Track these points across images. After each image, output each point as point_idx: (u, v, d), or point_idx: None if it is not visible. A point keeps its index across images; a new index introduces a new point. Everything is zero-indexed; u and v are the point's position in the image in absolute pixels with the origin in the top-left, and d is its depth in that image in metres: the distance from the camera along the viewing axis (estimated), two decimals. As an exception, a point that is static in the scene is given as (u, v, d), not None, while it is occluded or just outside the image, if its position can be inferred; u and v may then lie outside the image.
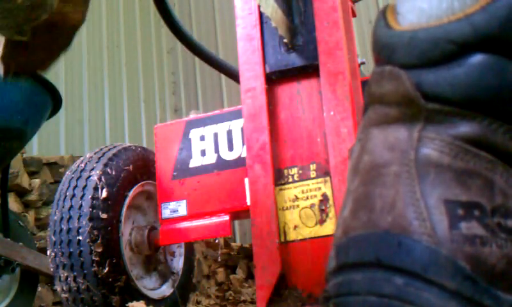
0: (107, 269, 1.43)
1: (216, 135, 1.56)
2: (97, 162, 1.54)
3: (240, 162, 1.50)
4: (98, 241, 1.43)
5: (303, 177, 1.12)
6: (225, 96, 5.28)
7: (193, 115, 1.64)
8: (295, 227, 1.10)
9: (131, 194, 1.60)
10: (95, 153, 1.61)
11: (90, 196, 1.46)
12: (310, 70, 1.16)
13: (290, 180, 1.13)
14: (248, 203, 1.25)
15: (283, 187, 1.13)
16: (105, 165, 1.53)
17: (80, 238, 1.42)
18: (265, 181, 1.10)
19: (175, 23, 1.72)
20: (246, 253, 3.68)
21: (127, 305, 1.40)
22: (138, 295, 1.54)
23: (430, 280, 0.32)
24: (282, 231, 1.10)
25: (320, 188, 1.11)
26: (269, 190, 1.10)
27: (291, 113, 1.16)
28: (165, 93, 5.37)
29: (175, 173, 1.57)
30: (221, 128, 1.56)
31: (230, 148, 1.54)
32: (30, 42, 0.65)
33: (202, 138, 1.57)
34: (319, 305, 0.56)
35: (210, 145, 1.56)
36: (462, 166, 0.35)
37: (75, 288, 1.44)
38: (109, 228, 1.47)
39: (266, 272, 1.06)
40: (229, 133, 1.55)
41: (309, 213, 1.10)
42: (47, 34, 0.64)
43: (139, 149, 1.71)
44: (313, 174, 1.12)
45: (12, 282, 2.04)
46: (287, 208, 1.11)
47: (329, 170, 1.10)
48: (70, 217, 1.46)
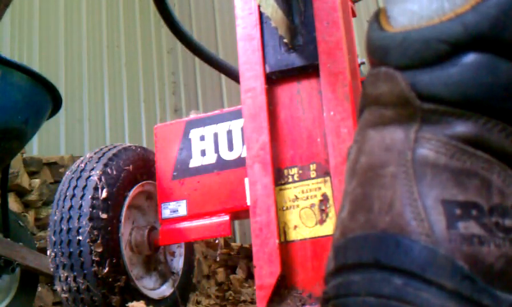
0: (107, 269, 1.43)
1: (216, 135, 1.56)
2: (97, 162, 1.54)
3: (240, 162, 1.50)
4: (98, 241, 1.43)
5: (303, 177, 1.12)
6: (225, 96, 5.28)
7: (193, 115, 1.64)
8: (295, 227, 1.10)
9: (131, 194, 1.60)
10: (95, 153, 1.61)
11: (90, 196, 1.46)
12: (310, 70, 1.17)
13: (290, 180, 1.13)
14: (248, 203, 1.25)
15: (283, 187, 1.13)
16: (105, 165, 1.54)
17: (80, 238, 1.43)
18: (265, 181, 1.10)
19: (175, 23, 1.72)
20: (246, 253, 3.68)
21: (127, 305, 1.40)
22: (138, 295, 1.54)
23: (428, 280, 0.32)
24: (282, 231, 1.10)
25: (320, 188, 1.11)
26: (269, 190, 1.10)
27: (291, 113, 1.16)
28: (165, 93, 5.37)
29: (175, 173, 1.58)
30: (221, 128, 1.56)
31: (230, 148, 1.54)
32: None
33: (202, 138, 1.57)
34: (319, 305, 0.56)
35: (210, 145, 1.56)
36: (459, 166, 0.35)
37: (75, 288, 1.44)
38: (109, 228, 1.47)
39: (266, 272, 1.06)
40: (229, 133, 1.55)
41: (309, 213, 1.10)
42: None
43: (139, 149, 1.71)
44: (313, 174, 1.12)
45: (12, 282, 2.04)
46: (287, 208, 1.11)
47: (329, 170, 1.10)
48: (70, 217, 1.46)
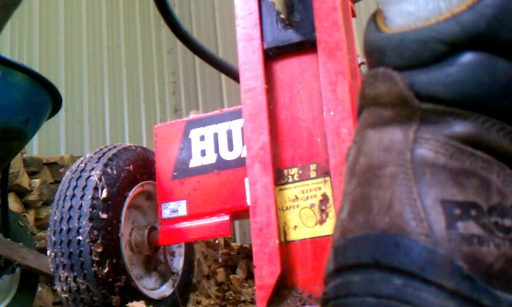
0: (107, 269, 1.43)
1: (216, 135, 1.56)
2: (97, 162, 1.54)
3: (240, 162, 1.50)
4: (98, 241, 1.43)
5: (303, 177, 1.12)
6: (225, 96, 5.28)
7: (193, 115, 1.64)
8: (295, 227, 1.10)
9: (131, 194, 1.60)
10: (95, 153, 1.61)
11: (90, 196, 1.46)
12: (307, 46, 1.17)
13: (290, 180, 1.13)
14: (248, 203, 1.25)
15: (283, 187, 1.13)
16: (105, 165, 1.54)
17: (80, 238, 1.43)
18: (265, 181, 1.10)
19: (175, 23, 1.72)
20: (246, 253, 3.68)
21: (127, 305, 1.40)
22: (138, 295, 1.54)
23: (428, 280, 0.32)
24: (282, 231, 1.10)
25: (320, 188, 1.11)
26: (269, 190, 1.10)
27: (291, 113, 1.16)
28: (165, 93, 5.37)
29: (175, 173, 1.58)
30: (221, 128, 1.56)
31: (230, 148, 1.54)
32: None
33: (202, 138, 1.57)
34: (319, 305, 0.56)
35: (210, 145, 1.56)
36: (458, 166, 0.35)
37: (75, 288, 1.44)
38: (109, 228, 1.47)
39: (266, 272, 1.06)
40: (229, 133, 1.55)
41: (309, 213, 1.10)
42: None
43: (139, 149, 1.71)
44: (313, 174, 1.12)
45: (12, 282, 2.04)
46: (287, 208, 1.11)
47: (329, 170, 1.10)
48: (70, 217, 1.46)
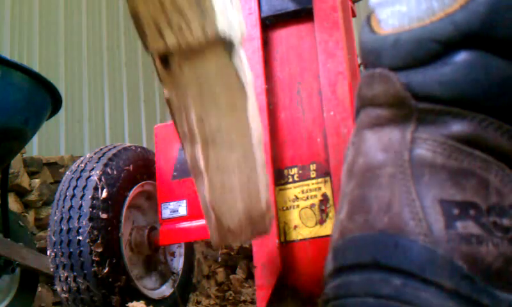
0: (107, 269, 1.43)
1: (216, 135, 1.56)
2: (97, 162, 1.54)
3: (240, 162, 1.50)
4: (98, 241, 1.43)
5: (303, 177, 1.12)
6: (225, 96, 5.28)
7: (193, 115, 1.64)
8: (295, 227, 1.10)
9: (131, 194, 1.60)
10: (95, 153, 1.61)
11: (90, 196, 1.46)
12: (303, 14, 1.18)
13: (290, 180, 1.13)
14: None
15: (283, 187, 1.13)
16: (105, 165, 1.54)
17: (80, 238, 1.43)
18: (264, 181, 1.10)
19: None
20: (246, 253, 3.67)
21: (127, 305, 1.40)
22: (138, 295, 1.54)
23: (427, 280, 0.33)
24: (282, 231, 1.10)
25: (320, 188, 1.11)
26: (270, 190, 1.10)
27: (291, 113, 1.16)
28: (165, 93, 5.37)
29: (175, 173, 1.57)
30: (221, 128, 1.56)
31: (230, 148, 1.54)
32: None
33: (202, 138, 1.57)
34: (319, 306, 0.56)
35: (210, 145, 1.56)
36: (456, 166, 0.35)
37: (75, 288, 1.44)
38: (109, 228, 1.47)
39: (266, 272, 1.06)
40: (229, 133, 1.55)
41: (309, 213, 1.10)
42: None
43: (139, 149, 1.71)
44: (313, 174, 1.12)
45: (12, 282, 2.04)
46: (287, 208, 1.12)
47: (329, 170, 1.10)
48: (70, 217, 1.46)
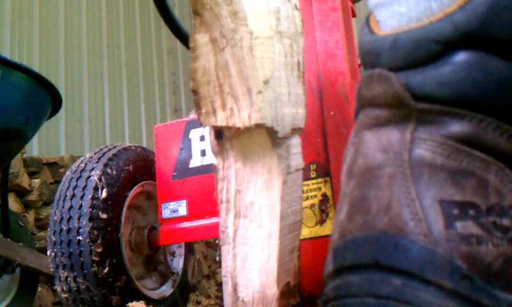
0: (107, 269, 1.43)
1: (216, 135, 1.56)
2: (97, 162, 1.54)
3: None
4: (98, 241, 1.43)
5: (303, 177, 1.12)
6: (225, 96, 5.27)
7: (193, 115, 1.64)
8: (294, 227, 1.10)
9: (131, 194, 1.60)
10: (95, 153, 1.61)
11: (90, 196, 1.46)
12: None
13: (289, 180, 1.13)
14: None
15: (282, 187, 1.13)
16: (105, 165, 1.54)
17: (80, 238, 1.43)
18: (264, 181, 1.10)
19: (175, 23, 1.72)
20: (246, 253, 3.67)
21: (127, 305, 1.40)
22: (138, 295, 1.54)
23: (427, 280, 0.33)
24: (282, 231, 1.10)
25: (320, 188, 1.11)
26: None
27: (291, 113, 1.16)
28: (165, 93, 5.37)
29: (175, 173, 1.58)
30: (221, 128, 1.56)
31: (230, 148, 1.54)
32: None
33: (202, 138, 1.57)
34: (319, 306, 0.56)
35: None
36: (455, 166, 0.35)
37: (75, 288, 1.44)
38: (109, 228, 1.47)
39: (266, 272, 1.06)
40: (229, 133, 1.55)
41: (309, 213, 1.10)
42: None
43: (139, 149, 1.71)
44: (313, 174, 1.12)
45: (12, 282, 2.04)
46: (287, 208, 1.11)
47: (329, 170, 1.10)
48: (70, 217, 1.46)
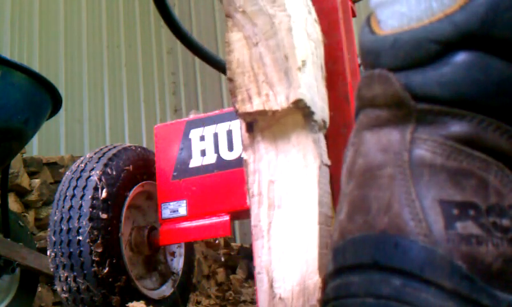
0: (107, 269, 1.43)
1: (216, 135, 1.56)
2: (97, 162, 1.54)
3: (240, 162, 1.50)
4: (98, 241, 1.43)
5: (303, 177, 1.12)
6: (225, 96, 5.28)
7: (193, 115, 1.64)
8: (294, 227, 1.10)
9: (131, 194, 1.60)
10: (95, 153, 1.61)
11: (90, 196, 1.46)
12: None
13: (289, 180, 1.13)
14: (248, 203, 1.25)
15: (282, 187, 1.13)
16: (105, 165, 1.54)
17: (80, 238, 1.43)
18: (264, 181, 1.10)
19: (175, 23, 1.72)
20: (246, 253, 3.68)
21: (127, 305, 1.40)
22: (138, 295, 1.54)
23: (427, 280, 0.33)
24: (282, 231, 1.10)
25: (319, 188, 1.11)
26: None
27: (291, 113, 1.16)
28: (165, 93, 5.37)
29: (175, 173, 1.58)
30: (221, 128, 1.56)
31: (230, 148, 1.54)
32: None
33: (202, 138, 1.57)
34: (319, 306, 0.56)
35: (210, 145, 1.56)
36: (455, 166, 0.35)
37: (75, 288, 1.44)
38: (109, 228, 1.47)
39: (266, 272, 1.06)
40: (229, 133, 1.55)
41: (309, 213, 1.10)
42: None
43: (139, 149, 1.71)
44: (312, 174, 1.12)
45: (12, 282, 2.04)
46: (287, 208, 1.11)
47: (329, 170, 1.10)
48: (70, 217, 1.46)
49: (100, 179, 1.50)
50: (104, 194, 1.48)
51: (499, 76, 0.35)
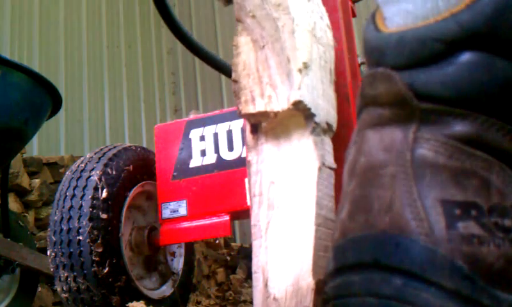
0: (107, 269, 1.43)
1: (216, 135, 1.56)
2: (97, 162, 1.54)
3: (240, 162, 1.50)
4: (98, 241, 1.43)
5: (303, 177, 1.12)
6: (225, 96, 5.28)
7: (193, 115, 1.64)
8: (295, 227, 1.10)
9: (131, 194, 1.60)
10: (95, 153, 1.61)
11: (90, 196, 1.46)
12: None
13: (290, 180, 1.13)
14: (248, 203, 1.25)
15: (282, 187, 1.13)
16: (105, 165, 1.54)
17: (80, 238, 1.43)
18: (265, 181, 1.10)
19: (175, 23, 1.72)
20: (246, 253, 3.67)
21: (127, 305, 1.40)
22: (138, 295, 1.54)
23: (428, 280, 0.32)
24: (282, 231, 1.10)
25: (320, 188, 1.11)
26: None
27: (291, 113, 1.16)
28: (165, 93, 5.37)
29: (175, 173, 1.58)
30: (221, 128, 1.56)
31: (230, 148, 1.54)
32: None
33: (202, 138, 1.57)
34: (319, 305, 0.56)
35: (210, 145, 1.56)
36: (458, 166, 0.35)
37: (75, 288, 1.44)
38: (109, 228, 1.47)
39: (266, 272, 1.06)
40: (229, 133, 1.55)
41: (309, 213, 1.10)
42: None
43: (139, 149, 1.71)
44: (313, 174, 1.12)
45: (12, 282, 2.04)
46: (287, 208, 1.11)
47: (329, 170, 1.10)
48: (70, 217, 1.46)
49: (100, 179, 1.50)
50: (104, 194, 1.48)
51: (503, 76, 0.35)
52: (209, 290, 3.21)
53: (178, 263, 1.88)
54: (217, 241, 3.56)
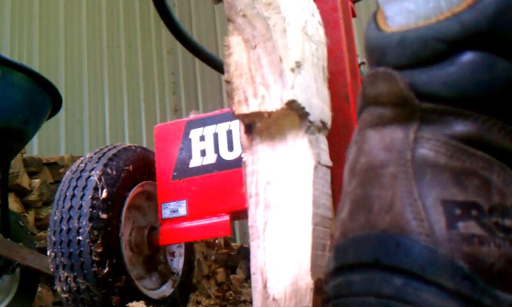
0: (107, 269, 1.43)
1: (216, 135, 1.56)
2: (97, 162, 1.54)
3: (240, 162, 1.50)
4: (98, 241, 1.43)
5: (303, 177, 1.12)
6: (225, 96, 5.27)
7: (193, 115, 1.64)
8: (295, 227, 1.10)
9: (131, 194, 1.60)
10: (95, 153, 1.61)
11: (90, 196, 1.46)
12: None
13: (290, 180, 1.13)
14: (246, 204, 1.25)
15: (283, 187, 1.13)
16: (105, 165, 1.53)
17: (80, 238, 1.42)
18: (265, 181, 1.10)
19: (175, 23, 1.72)
20: (246, 253, 3.67)
21: (127, 305, 1.40)
22: (138, 295, 1.54)
23: (429, 280, 0.32)
24: (282, 231, 1.10)
25: (320, 188, 1.11)
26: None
27: (291, 113, 1.16)
28: (165, 93, 5.37)
29: (175, 173, 1.57)
30: (221, 128, 1.56)
31: (230, 148, 1.54)
32: None
33: (202, 138, 1.57)
34: (319, 305, 0.56)
35: (210, 145, 1.56)
36: (458, 166, 0.35)
37: (75, 288, 1.44)
38: (109, 228, 1.47)
39: (266, 272, 1.06)
40: (229, 133, 1.55)
41: (309, 213, 1.10)
42: None
43: (139, 149, 1.71)
44: (313, 174, 1.12)
45: (12, 282, 2.04)
46: (287, 208, 1.11)
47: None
48: (70, 217, 1.46)
49: (100, 179, 1.50)
50: (104, 194, 1.48)
51: (505, 76, 0.35)
52: (209, 290, 3.20)
53: (178, 263, 1.88)
54: (217, 241, 3.56)
